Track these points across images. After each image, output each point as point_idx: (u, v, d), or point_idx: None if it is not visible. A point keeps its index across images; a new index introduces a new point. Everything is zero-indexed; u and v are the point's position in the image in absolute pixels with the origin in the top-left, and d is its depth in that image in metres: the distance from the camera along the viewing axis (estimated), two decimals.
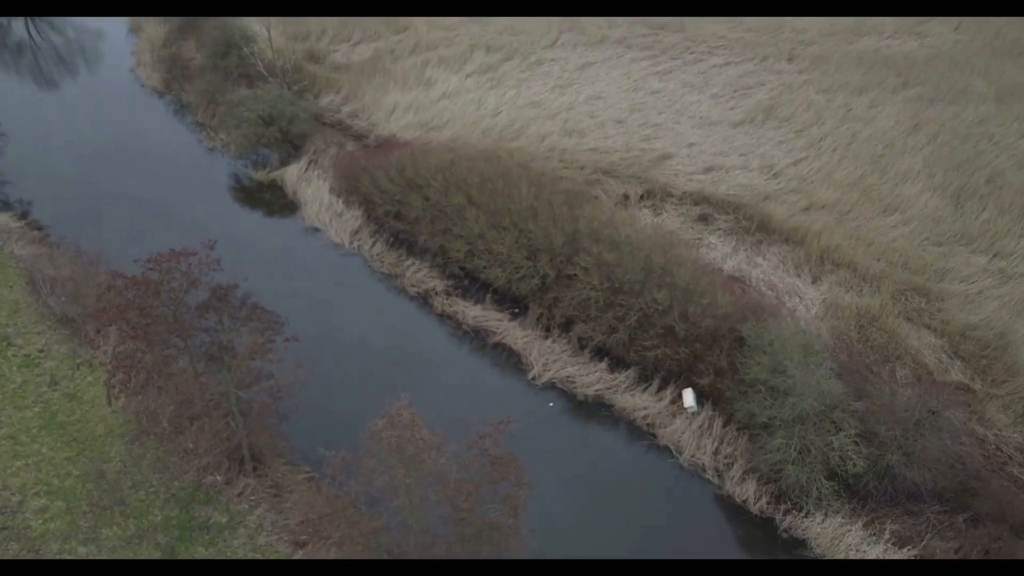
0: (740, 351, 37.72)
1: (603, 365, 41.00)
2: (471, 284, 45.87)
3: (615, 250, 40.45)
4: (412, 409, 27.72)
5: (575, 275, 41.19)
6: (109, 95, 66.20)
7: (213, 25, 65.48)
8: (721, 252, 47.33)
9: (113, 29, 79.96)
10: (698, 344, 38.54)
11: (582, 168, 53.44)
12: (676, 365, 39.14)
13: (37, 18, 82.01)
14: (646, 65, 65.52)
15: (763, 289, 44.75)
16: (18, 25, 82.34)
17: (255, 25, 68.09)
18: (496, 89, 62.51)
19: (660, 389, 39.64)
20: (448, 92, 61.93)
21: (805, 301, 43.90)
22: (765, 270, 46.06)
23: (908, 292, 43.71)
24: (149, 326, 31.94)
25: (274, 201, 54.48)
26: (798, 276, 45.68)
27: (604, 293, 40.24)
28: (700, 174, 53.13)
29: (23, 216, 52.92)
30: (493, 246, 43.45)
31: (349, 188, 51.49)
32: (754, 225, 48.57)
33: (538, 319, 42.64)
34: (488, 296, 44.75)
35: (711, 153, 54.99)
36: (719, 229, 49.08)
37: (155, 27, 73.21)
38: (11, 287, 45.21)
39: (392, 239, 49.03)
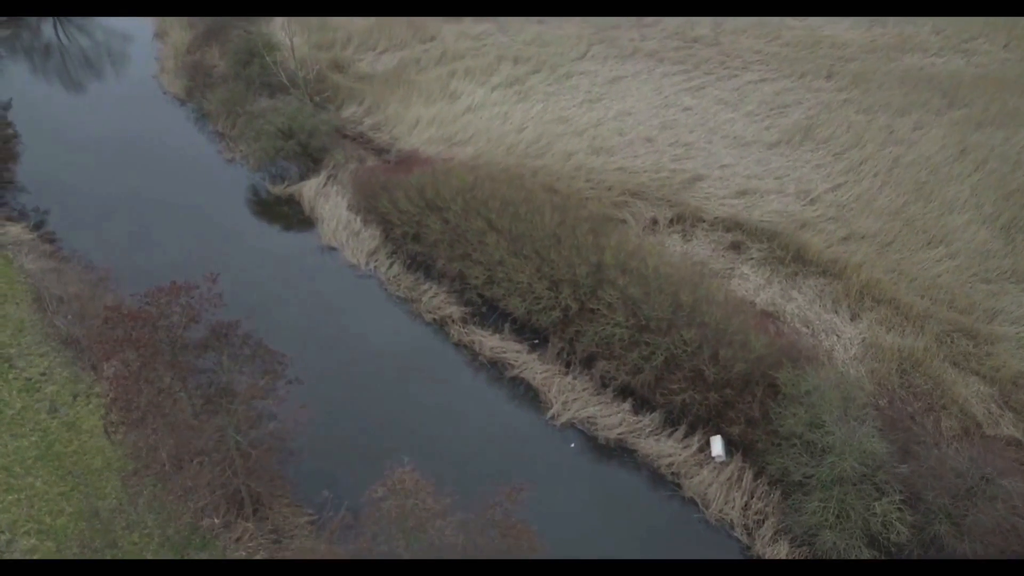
0: (774, 399, 34.48)
1: (627, 405, 37.93)
2: (489, 312, 43.00)
3: (642, 285, 37.36)
4: (415, 473, 24.93)
5: (599, 310, 38.12)
6: (129, 101, 64.21)
7: (236, 33, 63.18)
8: (754, 284, 44.03)
9: (141, 32, 78.14)
10: (729, 389, 35.34)
11: (609, 189, 50.37)
12: (705, 410, 35.97)
13: (65, 20, 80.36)
14: (678, 80, 62.14)
15: (798, 326, 41.42)
16: (49, 27, 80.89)
17: (280, 33, 65.76)
18: (522, 103, 59.55)
19: (687, 435, 36.47)
20: (473, 105, 59.08)
21: (843, 340, 40.49)
22: (800, 305, 42.69)
23: (954, 334, 40.13)
24: (145, 363, 29.55)
25: (291, 216, 52.03)
26: (836, 312, 42.25)
27: (629, 330, 37.17)
28: (733, 198, 49.80)
29: (37, 227, 50.90)
30: (513, 274, 40.55)
31: (367, 206, 48.85)
32: (789, 255, 45.18)
33: (558, 353, 39.68)
34: (507, 325, 41.84)
35: (744, 176, 51.61)
36: (752, 259, 45.72)
37: (180, 33, 71.17)
38: (18, 303, 43.08)
39: (410, 261, 46.32)
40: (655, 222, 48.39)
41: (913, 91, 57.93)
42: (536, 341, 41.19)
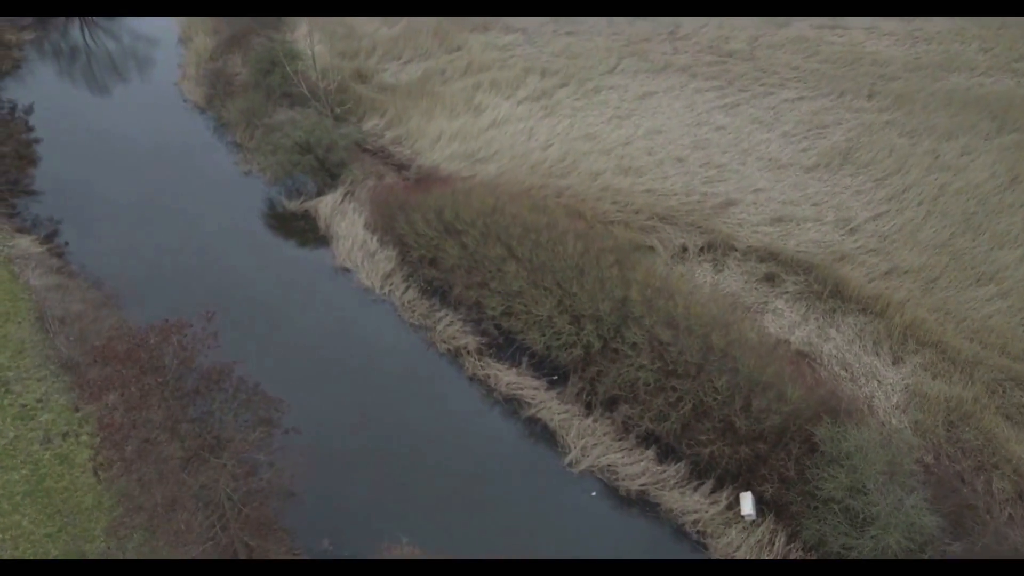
0: (811, 457, 31.17)
1: (650, 453, 34.72)
2: (506, 343, 39.97)
3: (670, 325, 34.15)
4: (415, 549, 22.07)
5: (623, 350, 34.98)
6: (149, 108, 61.95)
7: (259, 41, 60.74)
8: (788, 320, 40.62)
9: (167, 37, 76.08)
10: (762, 444, 32.05)
11: (637, 212, 47.18)
12: (734, 465, 32.68)
13: (92, 23, 78.52)
14: (712, 97, 58.65)
15: (835, 368, 38.00)
16: (76, 29, 79.13)
17: (303, 41, 63.19)
18: (549, 118, 56.45)
19: (715, 490, 33.16)
20: (498, 120, 56.09)
21: (884, 387, 37.03)
22: (838, 345, 39.23)
23: (1007, 383, 36.45)
24: (132, 407, 26.98)
25: (306, 232, 49.37)
26: (876, 355, 38.74)
27: (655, 374, 34.01)
28: (767, 225, 46.38)
29: (47, 239, 48.73)
30: (532, 306, 37.54)
31: (384, 226, 46.07)
32: (827, 290, 41.68)
33: (578, 394, 36.58)
34: (525, 359, 38.80)
35: (780, 201, 48.13)
36: (787, 292, 42.29)
37: (204, 39, 68.86)
38: (19, 323, 40.78)
39: (425, 286, 43.44)
40: (684, 250, 45.11)
41: (960, 113, 53.95)
42: (555, 378, 38.11)
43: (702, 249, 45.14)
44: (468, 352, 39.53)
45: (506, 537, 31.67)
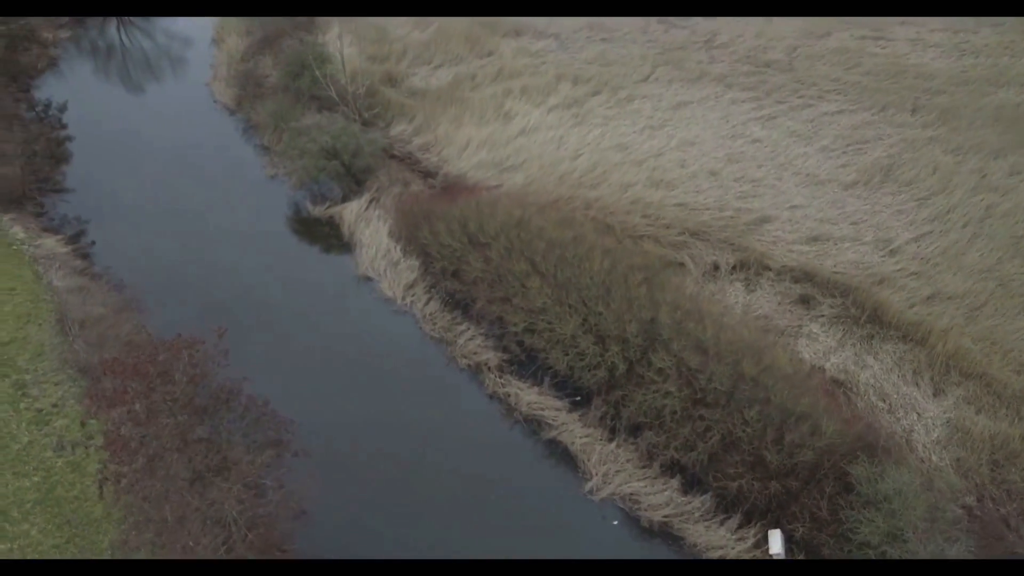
0: (845, 496, 29.29)
1: (675, 483, 32.93)
2: (529, 360, 38.40)
3: (699, 352, 32.40)
4: None
5: (649, 375, 33.29)
6: (180, 108, 61.38)
7: (289, 43, 59.83)
8: (823, 346, 38.60)
9: (202, 36, 75.64)
10: (793, 480, 30.22)
11: (667, 227, 45.40)
12: (764, 500, 30.86)
13: (128, 22, 78.35)
14: (748, 108, 56.62)
15: (872, 399, 35.96)
16: (112, 28, 79.04)
17: (334, 44, 62.16)
18: (579, 127, 54.82)
19: (742, 526, 31.26)
20: (527, 128, 54.57)
21: (924, 420, 34.90)
22: (876, 374, 37.15)
23: None
24: (140, 424, 25.93)
25: (330, 237, 48.24)
26: (916, 385, 36.61)
27: (682, 402, 32.30)
28: (803, 244, 44.34)
29: (73, 239, 48.12)
30: (556, 325, 35.95)
31: (408, 236, 44.79)
32: (865, 315, 39.65)
33: (602, 418, 34.93)
34: (547, 379, 37.20)
35: (817, 219, 46.06)
36: (822, 316, 40.27)
37: (236, 40, 68.18)
38: (40, 325, 40.05)
39: (448, 298, 42.05)
40: (716, 268, 43.27)
41: (1009, 130, 51.41)
42: (578, 399, 36.48)
43: (734, 267, 43.27)
44: (489, 368, 38.07)
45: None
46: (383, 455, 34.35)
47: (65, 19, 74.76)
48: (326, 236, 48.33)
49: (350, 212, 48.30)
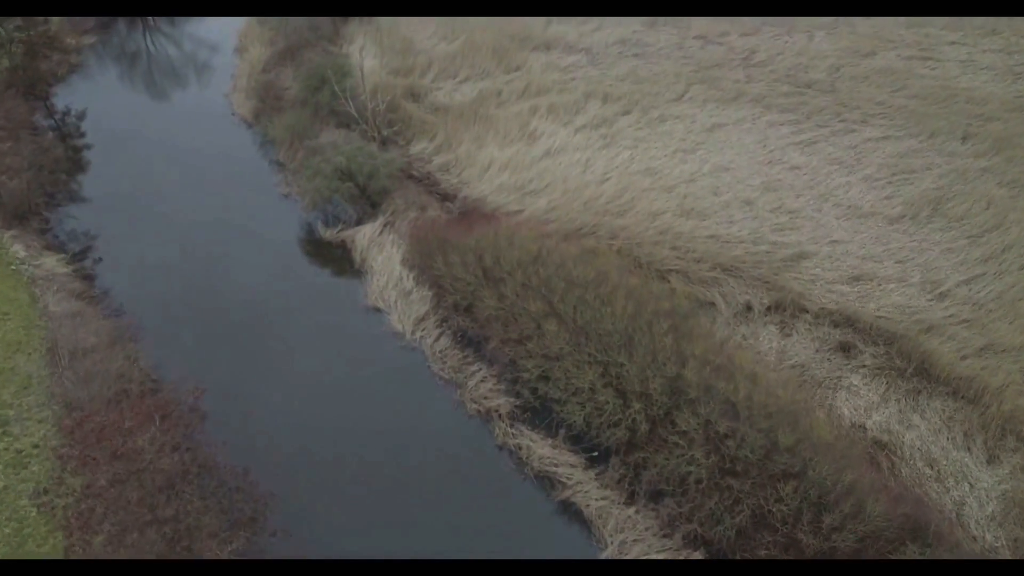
0: None
1: (698, 555, 29.50)
2: (542, 407, 35.05)
3: (729, 416, 28.89)
4: None
5: (673, 440, 29.83)
6: (196, 120, 59.00)
7: (309, 55, 57.12)
8: (865, 400, 34.84)
9: (228, 43, 73.45)
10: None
11: (698, 261, 41.85)
12: None
13: (152, 28, 76.38)
14: (786, 132, 52.82)
15: (919, 464, 32.19)
16: (137, 34, 77.13)
17: (356, 56, 59.45)
18: (608, 149, 51.39)
19: None
20: (552, 149, 51.25)
21: (976, 491, 31.05)
22: (923, 435, 33.34)
23: None
24: (100, 495, 23.14)
25: (341, 262, 45.25)
26: (968, 450, 32.74)
27: (709, 470, 28.82)
28: (844, 284, 40.54)
29: (77, 257, 45.72)
30: (574, 375, 32.60)
31: (422, 265, 41.71)
32: (911, 366, 35.78)
33: (620, 480, 31.51)
34: (562, 431, 33.81)
35: (859, 256, 42.21)
36: (864, 366, 36.47)
37: (259, 49, 65.71)
38: (30, 354, 37.54)
39: (459, 335, 38.87)
40: (749, 308, 39.64)
41: None
42: (595, 454, 33.07)
43: (769, 308, 39.61)
44: (500, 416, 34.80)
45: None
46: (372, 518, 31.20)
47: (91, 24, 72.97)
48: (337, 260, 45.40)
49: (363, 236, 45.34)
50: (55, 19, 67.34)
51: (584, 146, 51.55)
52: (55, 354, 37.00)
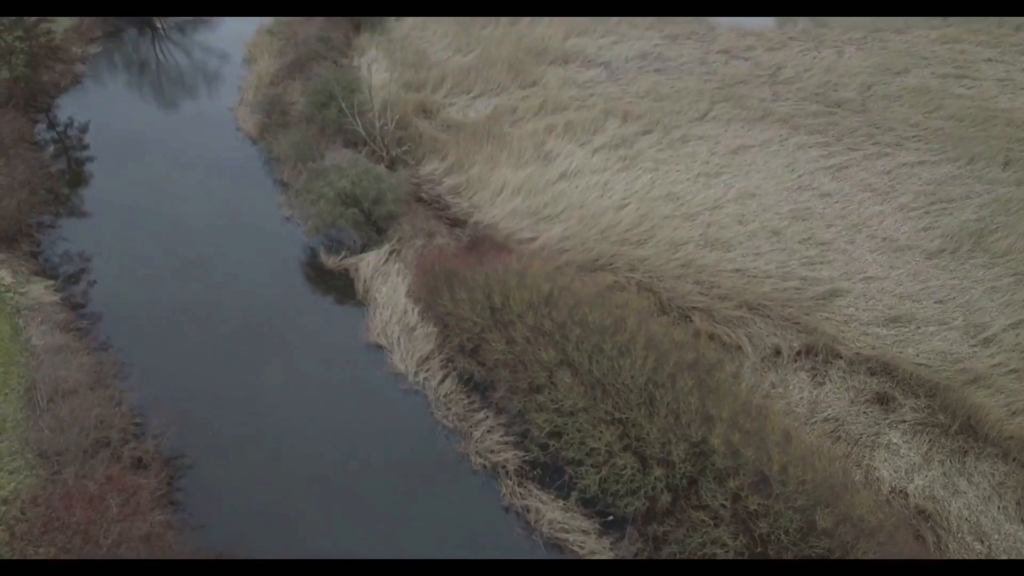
0: None
1: None
2: (554, 464, 31.82)
3: (760, 491, 25.60)
4: None
5: (697, 516, 26.56)
6: (200, 135, 56.11)
7: (317, 70, 54.11)
8: (906, 461, 31.48)
9: (238, 52, 70.62)
10: None
11: (723, 298, 38.61)
12: None
13: (162, 36, 73.69)
14: (816, 155, 49.41)
15: (967, 538, 28.81)
16: (146, 43, 74.50)
17: (367, 69, 56.43)
18: (627, 171, 48.16)
19: None
20: (569, 171, 48.07)
21: None
22: (971, 503, 29.96)
23: None
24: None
25: (342, 292, 42.08)
26: (1022, 521, 29.35)
27: (736, 552, 25.50)
28: (880, 326, 37.18)
29: (67, 282, 42.83)
30: (588, 435, 29.38)
31: (428, 299, 38.61)
32: (956, 423, 32.42)
33: (636, 554, 28.26)
34: (574, 493, 30.57)
35: (896, 295, 38.84)
36: (904, 421, 33.08)
37: (267, 60, 62.80)
38: (7, 395, 34.61)
39: (465, 378, 35.66)
40: (777, 352, 36.35)
41: None
42: (610, 518, 29.86)
43: (799, 353, 36.29)
44: (507, 473, 31.61)
45: None
46: None
47: (97, 34, 70.38)
48: (339, 289, 42.31)
49: (367, 265, 42.25)
50: (60, 28, 64.81)
51: (602, 168, 48.34)
52: (34, 395, 34.15)
